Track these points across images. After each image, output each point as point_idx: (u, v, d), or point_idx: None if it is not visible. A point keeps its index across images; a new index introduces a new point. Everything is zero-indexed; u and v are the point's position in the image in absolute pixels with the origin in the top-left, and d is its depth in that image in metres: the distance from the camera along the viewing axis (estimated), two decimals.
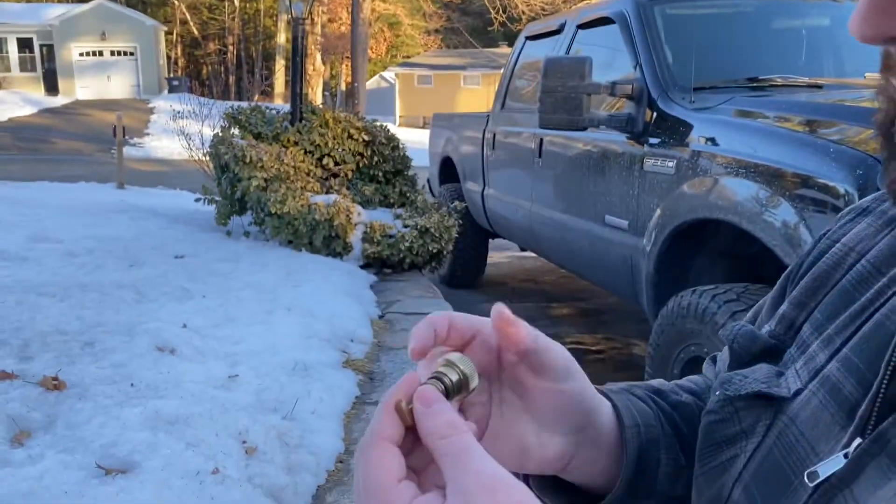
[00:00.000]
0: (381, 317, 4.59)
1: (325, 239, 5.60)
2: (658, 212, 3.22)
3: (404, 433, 0.44)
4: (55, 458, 2.12)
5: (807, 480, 0.44)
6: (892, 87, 0.40)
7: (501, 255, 7.55)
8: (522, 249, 6.07)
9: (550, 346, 0.53)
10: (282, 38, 34.73)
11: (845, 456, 0.42)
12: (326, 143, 6.39)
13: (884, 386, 0.43)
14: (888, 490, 0.39)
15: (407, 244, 5.63)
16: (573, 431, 0.55)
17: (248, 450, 2.41)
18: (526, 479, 0.61)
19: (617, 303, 5.77)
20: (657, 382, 0.68)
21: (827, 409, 0.47)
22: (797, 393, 0.50)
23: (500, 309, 0.50)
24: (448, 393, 0.45)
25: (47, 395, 2.47)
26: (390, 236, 5.72)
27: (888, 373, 0.43)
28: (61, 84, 34.65)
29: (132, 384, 2.63)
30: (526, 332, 0.51)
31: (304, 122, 6.52)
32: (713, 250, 3.21)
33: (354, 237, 5.69)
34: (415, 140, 8.52)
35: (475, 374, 0.47)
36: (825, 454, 0.45)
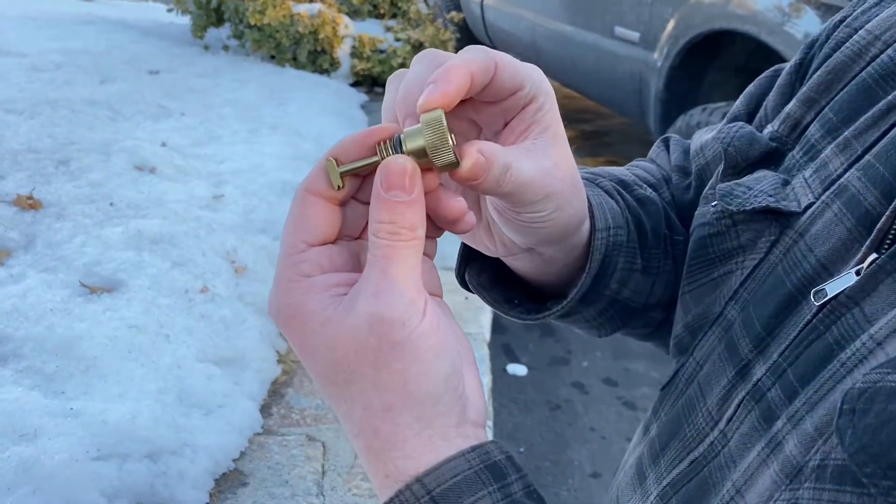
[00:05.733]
0: None
1: (309, 54, 5.43)
2: (672, 22, 3.11)
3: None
4: (37, 277, 2.16)
5: (813, 299, 0.41)
6: None
7: None
8: None
9: (522, 182, 0.43)
10: None
11: (857, 273, 0.39)
12: None
13: None
14: None
15: (399, 60, 5.47)
16: (538, 242, 0.50)
17: (238, 269, 2.46)
18: (462, 270, 0.59)
19: (622, 124, 5.71)
20: (619, 171, 0.64)
21: (843, 223, 0.43)
22: (808, 207, 0.46)
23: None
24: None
25: (23, 214, 2.48)
26: (381, 51, 5.54)
27: None
28: None
29: (111, 203, 2.63)
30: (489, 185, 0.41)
31: None
32: (726, 65, 3.14)
33: (342, 52, 5.52)
34: None
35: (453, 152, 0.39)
36: (837, 272, 0.41)
